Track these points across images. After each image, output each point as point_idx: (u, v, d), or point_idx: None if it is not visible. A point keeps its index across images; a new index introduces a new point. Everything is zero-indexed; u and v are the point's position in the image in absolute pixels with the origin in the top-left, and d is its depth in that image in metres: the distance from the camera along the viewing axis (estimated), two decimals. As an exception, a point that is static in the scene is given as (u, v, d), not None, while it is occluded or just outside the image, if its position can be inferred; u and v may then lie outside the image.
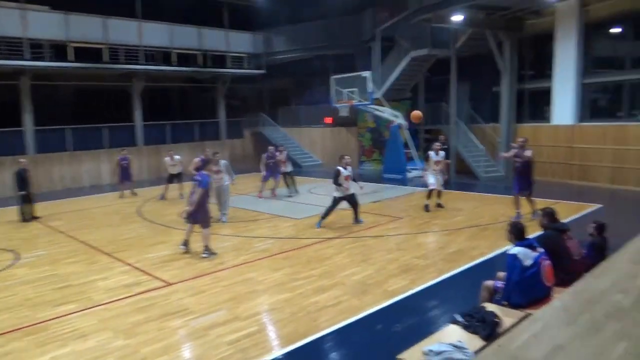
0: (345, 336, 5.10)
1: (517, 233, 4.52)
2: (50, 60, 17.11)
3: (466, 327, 3.86)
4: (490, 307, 4.19)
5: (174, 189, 14.38)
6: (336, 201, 9.84)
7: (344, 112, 18.83)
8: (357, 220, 10.07)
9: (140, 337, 5.23)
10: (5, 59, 16.09)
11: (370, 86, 17.57)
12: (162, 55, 20.06)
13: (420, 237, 8.87)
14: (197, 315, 5.73)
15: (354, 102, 18.03)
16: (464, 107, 18.65)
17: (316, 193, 14.61)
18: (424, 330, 4.65)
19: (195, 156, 13.01)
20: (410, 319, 5.41)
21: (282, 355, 4.73)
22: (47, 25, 17.08)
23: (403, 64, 18.60)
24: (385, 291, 6.21)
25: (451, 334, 3.84)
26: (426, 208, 10.95)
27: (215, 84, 23.22)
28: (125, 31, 18.89)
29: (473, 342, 3.69)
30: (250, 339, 5.06)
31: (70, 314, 5.97)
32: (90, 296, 6.59)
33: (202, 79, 23.08)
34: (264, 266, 7.56)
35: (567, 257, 4.86)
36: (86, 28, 17.87)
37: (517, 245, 4.46)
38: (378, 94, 18.87)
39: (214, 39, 21.71)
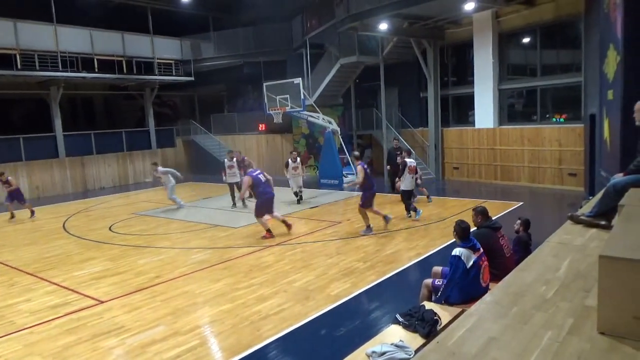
0: (289, 344, 5.10)
1: (461, 232, 4.64)
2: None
3: (407, 327, 4.00)
4: (429, 305, 4.38)
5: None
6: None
7: (277, 119, 18.83)
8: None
9: (72, 359, 4.93)
10: None
11: (302, 93, 17.72)
12: (83, 62, 19.01)
13: (359, 241, 9.06)
14: (134, 333, 5.49)
15: (287, 108, 18.09)
16: (394, 112, 19.31)
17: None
18: (367, 332, 4.76)
19: (123, 166, 12.53)
20: (353, 322, 5.51)
21: (226, 367, 4.65)
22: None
23: (333, 71, 18.95)
24: (328, 296, 6.28)
25: (393, 334, 3.97)
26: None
27: (142, 91, 22.38)
28: (40, 36, 17.70)
29: (414, 340, 3.84)
30: (191, 353, 4.92)
31: (-11, 341, 5.51)
32: (12, 320, 6.11)
33: (128, 86, 22.16)
34: (203, 277, 7.39)
35: (500, 255, 5.09)
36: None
37: (461, 246, 4.59)
38: (310, 101, 19.06)
39: (139, 45, 20.89)
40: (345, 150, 17.86)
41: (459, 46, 17.04)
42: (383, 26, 15.11)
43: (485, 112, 15.85)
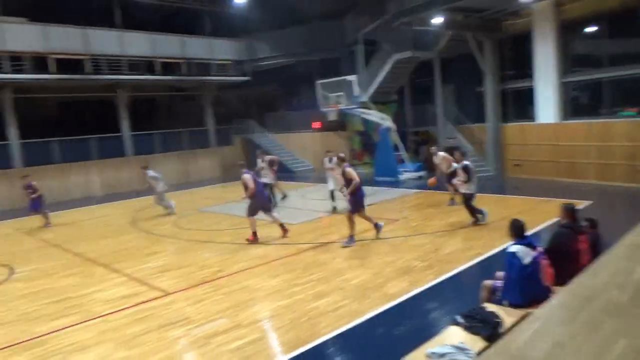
0: (347, 341, 5.15)
1: (516, 230, 4.51)
2: (31, 73, 16.96)
3: (467, 328, 3.94)
4: (490, 307, 4.28)
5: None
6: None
7: (332, 117, 18.94)
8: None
9: (141, 348, 5.24)
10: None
11: (356, 90, 17.69)
12: (146, 65, 19.98)
13: (416, 239, 8.96)
14: (198, 324, 5.75)
15: (341, 106, 18.14)
16: (450, 108, 18.88)
17: (310, 198, 14.69)
18: (426, 332, 4.72)
19: (185, 164, 12.97)
20: (411, 321, 5.48)
21: (286, 361, 4.78)
22: (26, 37, 16.93)
23: (387, 67, 18.78)
24: (385, 294, 6.28)
25: (453, 335, 3.92)
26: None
27: (201, 91, 23.19)
28: (106, 41, 18.81)
29: (475, 343, 3.77)
30: (252, 346, 5.09)
31: (68, 327, 5.95)
32: (88, 308, 6.57)
33: (188, 87, 23.05)
34: (262, 273, 7.60)
35: (574, 259, 4.68)
36: (66, 39, 17.76)
37: (516, 243, 4.47)
38: (364, 97, 19.02)
39: (197, 47, 21.70)
40: (400, 147, 17.68)
41: (517, 38, 16.38)
42: (438, 20, 14.81)
43: (546, 107, 15.16)
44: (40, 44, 17.14)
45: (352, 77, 17.72)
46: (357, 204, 8.80)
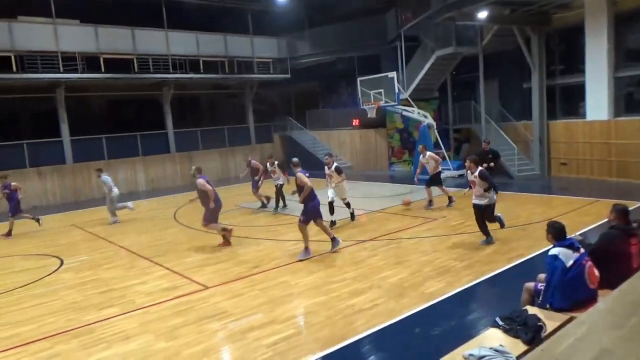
0: (383, 339, 5.10)
1: (556, 233, 4.35)
2: (83, 72, 17.71)
3: (507, 331, 3.81)
4: (532, 310, 4.13)
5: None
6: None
7: (371, 114, 18.81)
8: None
9: (181, 339, 5.36)
10: (42, 72, 16.74)
11: (396, 87, 17.49)
12: (190, 63, 20.49)
13: (455, 239, 8.78)
14: (235, 318, 5.84)
15: (381, 103, 17.97)
16: (494, 104, 18.34)
17: (347, 195, 14.60)
18: (464, 333, 4.61)
19: (225, 161, 13.09)
20: (448, 322, 5.36)
21: (321, 358, 4.77)
22: (78, 38, 17.70)
23: (429, 64, 18.44)
24: (422, 294, 6.18)
25: (492, 338, 3.80)
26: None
27: (242, 89, 23.56)
28: (153, 41, 19.39)
29: (515, 346, 3.65)
30: (288, 342, 5.12)
31: (113, 317, 6.18)
32: (131, 299, 6.80)
33: (230, 85, 23.46)
34: (298, 269, 7.64)
35: (622, 261, 4.48)
36: (115, 39, 18.44)
37: (557, 245, 4.30)
38: (405, 95, 18.78)
39: (240, 45, 22.05)
40: (442, 145, 17.34)
41: (567, 32, 15.71)
42: (482, 14, 14.39)
43: (598, 103, 14.47)
44: (92, 44, 17.86)
45: (392, 74, 17.53)
46: (309, 213, 8.15)
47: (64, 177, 17.89)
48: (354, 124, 22.64)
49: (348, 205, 10.76)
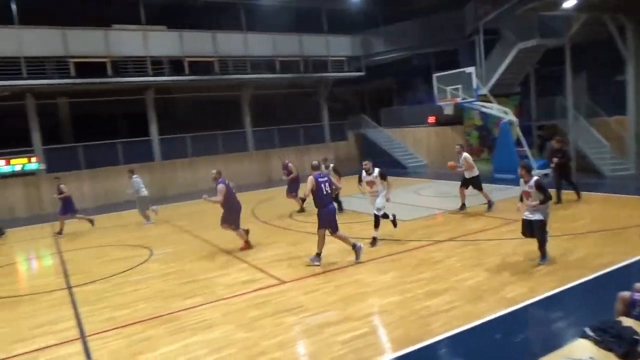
0: (460, 343, 4.97)
1: None
2: (170, 75, 18.84)
3: (598, 343, 3.57)
4: (627, 321, 3.83)
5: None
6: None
7: (448, 111, 18.31)
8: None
9: (259, 331, 5.57)
10: (133, 76, 18.04)
11: (474, 82, 16.87)
12: (267, 64, 21.10)
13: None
14: (311, 314, 5.96)
15: (458, 99, 17.43)
16: (582, 99, 17.12)
17: (423, 194, 14.39)
18: (548, 343, 4.38)
19: (301, 159, 13.06)
20: (531, 330, 5.12)
21: (396, 358, 4.75)
22: (165, 43, 18.86)
23: (510, 57, 17.61)
24: (502, 298, 5.93)
25: (581, 349, 3.58)
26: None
27: (317, 88, 23.87)
28: (233, 43, 20.23)
29: (607, 359, 3.42)
30: (362, 339, 5.15)
31: (197, 306, 6.55)
32: (213, 291, 7.16)
33: (305, 84, 23.86)
34: (372, 268, 7.64)
35: None
36: (198, 43, 19.46)
37: None
38: (484, 90, 18.07)
39: (314, 44, 22.39)
40: (523, 142, 16.50)
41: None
42: (569, 3, 13.47)
43: None
44: (177, 48, 18.98)
45: (470, 69, 16.93)
46: (321, 219, 7.94)
47: (153, 173, 19.20)
48: (429, 121, 22.16)
49: (385, 216, 9.08)
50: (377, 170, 9.07)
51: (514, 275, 6.72)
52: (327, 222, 7.94)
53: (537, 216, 7.03)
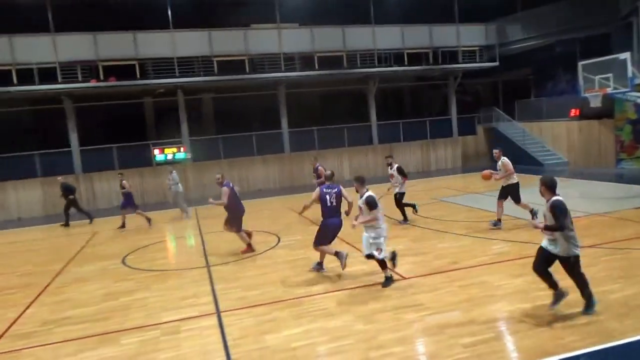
0: (600, 363, 4.48)
1: None
2: (301, 71, 19.65)
3: None
4: None
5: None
6: None
7: (595, 103, 16.39)
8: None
9: (378, 324, 5.60)
10: (266, 72, 19.17)
11: (629, 70, 14.86)
12: (394, 57, 20.89)
13: None
14: (432, 312, 5.83)
15: (609, 90, 15.51)
16: None
17: (562, 195, 13.12)
18: None
19: (427, 153, 12.79)
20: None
21: (524, 369, 4.45)
22: (297, 39, 19.67)
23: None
24: (655, 317, 5.21)
25: None
26: None
27: (446, 80, 23.04)
28: (361, 37, 20.38)
29: None
30: (486, 345, 4.89)
31: (319, 294, 6.80)
32: (335, 280, 7.37)
33: (432, 77, 23.17)
34: (501, 270, 7.21)
35: None
36: (328, 39, 19.95)
37: None
38: (641, 79, 15.83)
39: (444, 35, 21.60)
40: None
41: None
42: None
43: None
44: (308, 44, 19.71)
45: (625, 55, 14.93)
46: (319, 232, 7.84)
47: (283, 165, 20.30)
48: (572, 114, 20.12)
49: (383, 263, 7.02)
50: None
51: (673, 292, 5.84)
52: (320, 234, 7.81)
53: (555, 248, 5.61)
